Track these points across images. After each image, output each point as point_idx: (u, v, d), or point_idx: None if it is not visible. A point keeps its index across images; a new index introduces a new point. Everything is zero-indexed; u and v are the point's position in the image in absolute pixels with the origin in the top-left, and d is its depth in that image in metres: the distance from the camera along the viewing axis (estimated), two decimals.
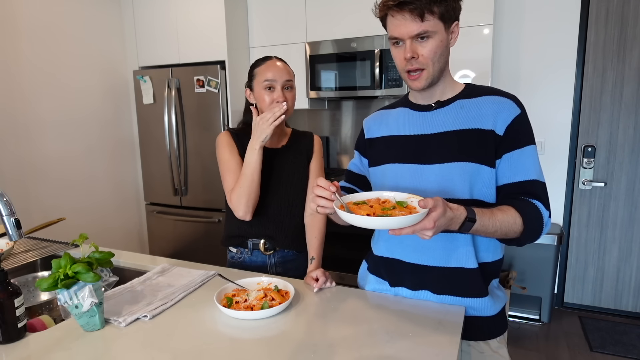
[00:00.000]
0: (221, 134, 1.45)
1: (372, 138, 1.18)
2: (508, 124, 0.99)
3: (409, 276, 1.11)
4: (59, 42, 2.86)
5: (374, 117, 1.21)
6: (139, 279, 1.27)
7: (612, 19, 2.62)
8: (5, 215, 1.06)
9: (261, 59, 1.41)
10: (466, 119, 1.02)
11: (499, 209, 0.95)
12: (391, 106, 1.19)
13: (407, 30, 0.95)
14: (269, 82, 1.35)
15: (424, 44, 0.97)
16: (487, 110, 1.01)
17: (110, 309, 1.07)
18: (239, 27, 3.07)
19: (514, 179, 1.00)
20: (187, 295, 1.17)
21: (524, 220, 0.95)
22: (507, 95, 1.03)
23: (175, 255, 3.19)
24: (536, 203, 0.98)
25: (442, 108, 1.06)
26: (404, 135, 1.10)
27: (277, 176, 1.43)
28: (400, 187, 1.07)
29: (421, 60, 0.98)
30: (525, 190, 0.99)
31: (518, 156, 0.99)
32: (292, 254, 1.49)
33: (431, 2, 0.93)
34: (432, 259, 1.06)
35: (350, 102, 3.30)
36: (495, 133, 0.99)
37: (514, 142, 0.99)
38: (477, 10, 2.52)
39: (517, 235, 0.97)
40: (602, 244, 2.83)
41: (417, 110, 1.10)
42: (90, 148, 3.12)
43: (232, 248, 1.50)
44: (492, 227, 0.92)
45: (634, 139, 2.67)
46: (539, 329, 2.70)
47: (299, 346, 0.91)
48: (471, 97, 1.04)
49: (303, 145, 1.50)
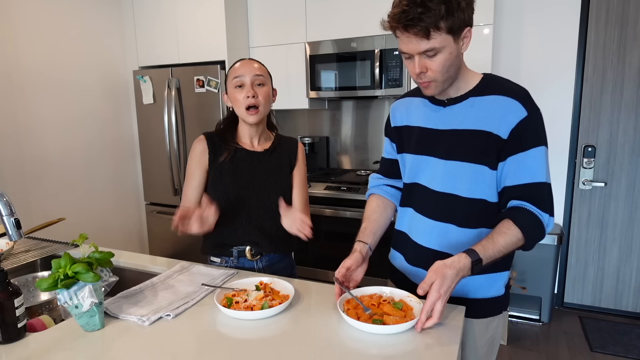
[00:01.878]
0: (197, 139, 1.41)
1: (397, 126, 1.23)
2: (512, 127, 1.00)
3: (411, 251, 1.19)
4: (59, 42, 2.86)
5: (400, 105, 1.24)
6: (159, 277, 1.27)
7: (612, 19, 2.62)
8: (5, 215, 1.06)
9: (236, 61, 1.40)
10: (474, 119, 1.04)
11: (498, 232, 0.98)
12: (414, 94, 1.21)
13: (414, 47, 0.96)
14: (238, 79, 1.32)
15: (432, 59, 0.97)
16: (494, 111, 1.02)
17: (130, 308, 1.07)
18: (239, 27, 3.07)
19: (517, 181, 1.01)
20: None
21: (524, 234, 0.98)
22: (518, 95, 1.02)
23: (175, 256, 3.19)
24: (534, 210, 0.99)
25: (454, 105, 1.08)
26: (421, 127, 1.14)
27: (259, 180, 1.40)
28: (419, 176, 1.15)
29: (430, 75, 0.99)
30: (527, 194, 1.00)
31: (522, 159, 1.00)
32: (278, 256, 1.46)
33: (437, 19, 0.91)
34: (430, 242, 1.14)
35: (350, 102, 3.30)
36: (499, 137, 1.01)
37: (518, 145, 1.00)
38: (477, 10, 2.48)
39: (521, 246, 1.01)
40: (602, 244, 2.83)
41: (434, 103, 1.12)
42: (90, 148, 3.12)
43: (215, 258, 1.45)
44: (498, 254, 0.97)
45: (634, 139, 2.67)
46: (539, 329, 2.69)
47: (299, 346, 0.91)
48: (483, 95, 1.05)
49: (286, 150, 1.47)
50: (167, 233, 3.28)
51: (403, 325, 0.93)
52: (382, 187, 1.29)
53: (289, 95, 3.11)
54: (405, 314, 1.00)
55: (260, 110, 1.34)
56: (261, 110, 1.35)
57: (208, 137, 1.42)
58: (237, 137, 1.43)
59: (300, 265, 2.94)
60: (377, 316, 0.99)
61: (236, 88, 1.34)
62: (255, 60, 1.39)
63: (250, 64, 1.36)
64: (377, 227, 1.21)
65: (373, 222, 1.22)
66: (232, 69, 1.37)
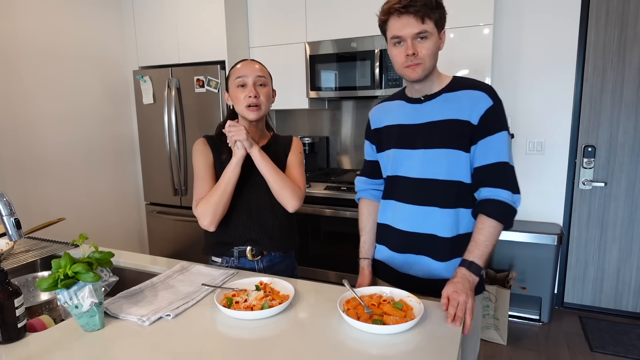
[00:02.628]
0: (197, 141, 1.45)
1: (377, 128, 1.35)
2: (482, 114, 1.14)
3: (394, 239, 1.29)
4: (59, 42, 2.86)
5: (378, 110, 1.37)
6: (159, 277, 1.28)
7: (612, 19, 2.62)
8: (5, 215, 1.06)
9: (238, 62, 1.43)
10: (448, 110, 1.18)
11: (477, 231, 1.13)
12: (391, 98, 1.35)
13: (410, 29, 1.11)
14: (241, 79, 1.36)
15: (422, 43, 1.12)
16: (465, 103, 1.17)
17: (130, 308, 1.07)
18: (239, 27, 3.07)
19: (486, 161, 1.15)
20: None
21: (498, 220, 1.12)
22: (483, 88, 1.17)
23: (175, 256, 3.19)
24: (499, 198, 1.12)
25: (429, 101, 1.22)
26: (400, 124, 1.27)
27: (258, 177, 1.41)
28: (399, 168, 1.26)
29: (420, 56, 1.13)
30: (493, 174, 1.14)
31: (489, 142, 1.15)
32: (279, 256, 1.47)
33: (429, 9, 1.10)
34: (410, 226, 1.25)
35: (350, 102, 3.30)
36: (470, 123, 1.15)
37: (486, 129, 1.15)
38: (477, 10, 2.52)
39: (502, 229, 1.15)
40: (602, 244, 2.83)
41: (410, 102, 1.26)
42: (90, 148, 3.12)
43: (216, 258, 1.47)
44: (486, 248, 1.12)
45: (634, 139, 2.67)
46: (539, 329, 2.70)
47: (299, 346, 0.91)
48: (454, 91, 1.19)
49: (282, 145, 1.50)
50: (167, 233, 3.29)
51: (403, 325, 0.93)
52: (370, 192, 1.41)
53: (289, 95, 3.11)
54: (405, 314, 1.00)
55: (261, 108, 1.37)
56: (262, 108, 1.38)
57: (208, 138, 1.46)
58: None
59: (300, 265, 2.95)
60: (377, 316, 0.99)
61: (238, 87, 1.37)
62: (257, 61, 1.42)
63: (252, 65, 1.39)
64: (373, 237, 1.37)
65: (369, 233, 1.38)
66: (235, 69, 1.40)
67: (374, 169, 1.39)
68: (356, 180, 1.46)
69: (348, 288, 1.10)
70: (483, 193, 1.15)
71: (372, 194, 1.41)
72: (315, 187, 2.89)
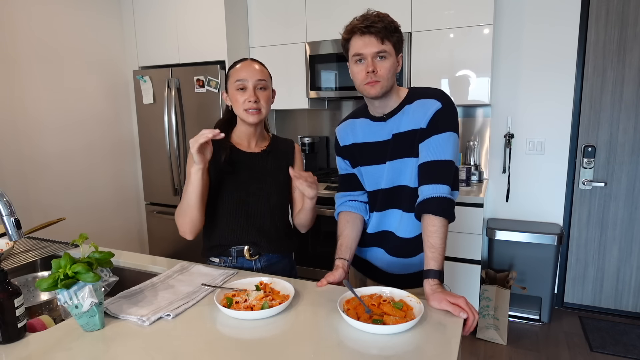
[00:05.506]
0: None
1: (346, 145, 1.40)
2: (430, 117, 1.21)
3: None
4: (59, 42, 2.86)
5: (344, 127, 1.41)
6: (159, 277, 1.27)
7: (612, 19, 2.62)
8: (5, 215, 1.06)
9: (237, 61, 1.40)
10: (407, 122, 1.25)
11: (432, 235, 1.15)
12: (355, 115, 1.40)
13: (371, 48, 1.18)
14: (241, 82, 1.34)
15: (382, 63, 1.19)
16: (419, 112, 1.23)
17: (130, 308, 1.07)
18: (239, 27, 3.07)
19: (428, 158, 1.20)
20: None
21: (443, 216, 1.16)
22: (434, 94, 1.23)
23: (175, 256, 3.19)
24: (442, 194, 1.16)
25: (391, 118, 1.28)
26: (367, 142, 1.34)
27: (257, 180, 1.41)
28: (374, 183, 1.33)
29: (379, 75, 1.19)
30: (434, 171, 1.18)
31: (434, 140, 1.20)
32: (277, 256, 1.46)
33: (389, 32, 1.18)
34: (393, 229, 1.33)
35: (350, 102, 3.30)
36: (422, 128, 1.22)
37: (434, 129, 1.20)
38: (477, 10, 2.52)
39: (448, 223, 1.18)
40: (602, 244, 2.83)
41: (375, 120, 1.32)
42: (90, 148, 3.12)
43: (214, 258, 1.46)
44: (440, 248, 1.14)
45: (634, 139, 2.67)
46: (539, 329, 2.70)
47: (299, 346, 0.91)
48: (410, 103, 1.26)
49: (283, 150, 1.49)
50: (167, 233, 3.29)
51: (403, 325, 0.93)
52: (347, 204, 1.41)
53: (289, 95, 3.10)
54: (405, 314, 1.00)
55: (261, 111, 1.36)
56: (262, 112, 1.37)
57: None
58: (231, 138, 1.44)
59: (300, 265, 2.95)
60: (377, 316, 0.99)
61: (238, 90, 1.35)
62: (257, 62, 1.40)
63: (252, 67, 1.36)
64: (350, 241, 1.35)
65: (346, 238, 1.36)
66: (234, 70, 1.37)
67: (351, 181, 1.41)
68: (335, 197, 1.47)
69: (348, 288, 1.10)
70: (425, 191, 1.19)
71: (350, 205, 1.40)
72: None
